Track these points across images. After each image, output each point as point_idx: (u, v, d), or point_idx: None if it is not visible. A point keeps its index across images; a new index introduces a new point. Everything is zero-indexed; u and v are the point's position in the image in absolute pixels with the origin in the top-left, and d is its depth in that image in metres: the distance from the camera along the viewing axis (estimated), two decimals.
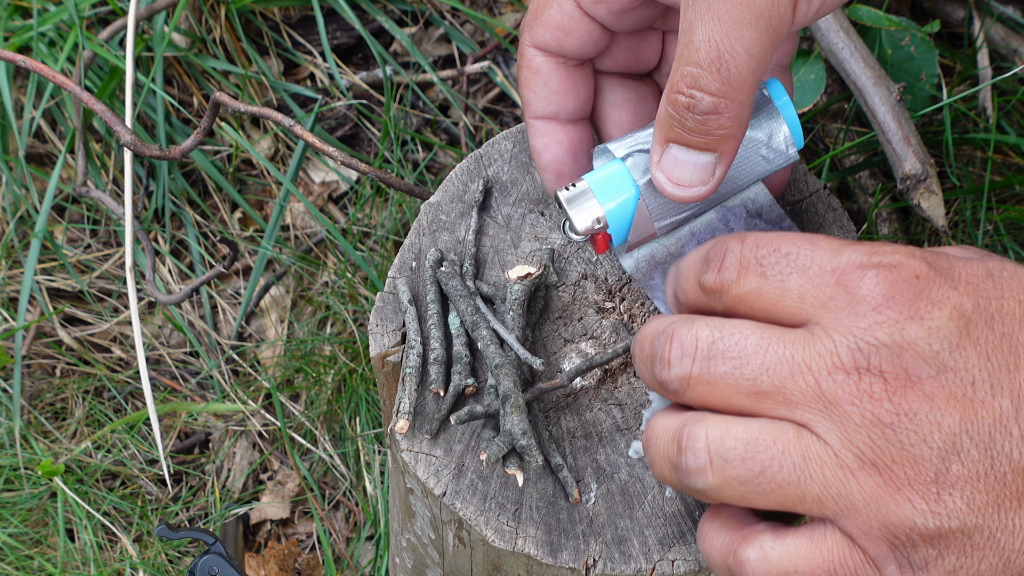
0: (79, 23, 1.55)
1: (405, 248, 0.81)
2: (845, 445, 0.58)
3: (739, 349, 0.60)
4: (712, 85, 0.63)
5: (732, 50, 0.62)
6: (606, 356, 0.74)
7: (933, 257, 0.60)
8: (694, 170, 0.67)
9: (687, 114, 0.65)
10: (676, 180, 0.68)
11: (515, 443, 0.71)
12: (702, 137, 0.66)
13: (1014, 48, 1.53)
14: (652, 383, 0.64)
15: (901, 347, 0.57)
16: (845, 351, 0.58)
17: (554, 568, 0.72)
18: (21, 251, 1.67)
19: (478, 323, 0.76)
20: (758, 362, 0.59)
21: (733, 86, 0.63)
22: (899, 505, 0.58)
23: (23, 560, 1.58)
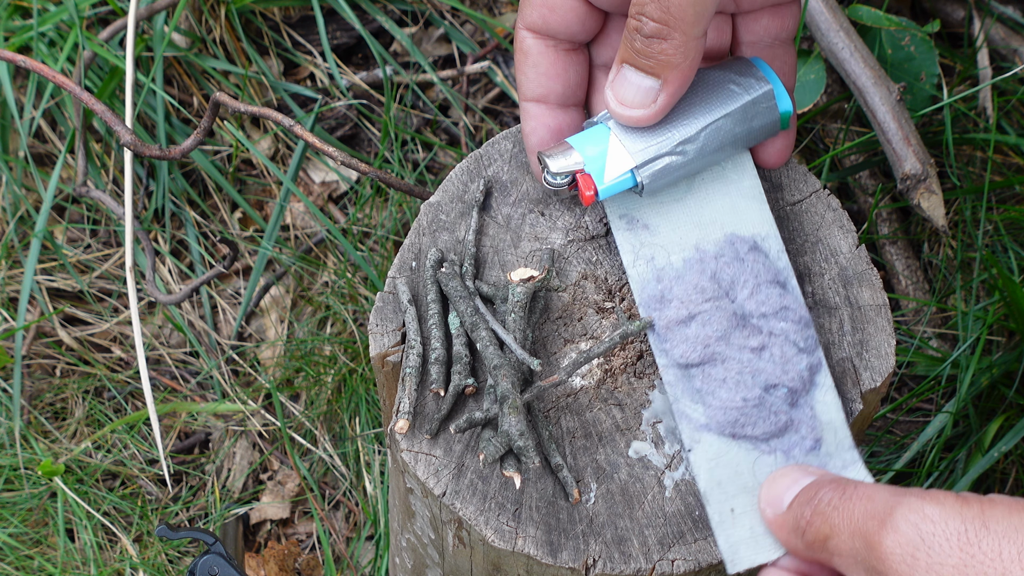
0: (79, 23, 1.55)
1: (405, 248, 0.81)
2: None
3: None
4: (655, 13, 0.69)
5: None
6: (602, 347, 0.74)
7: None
8: (637, 91, 0.72)
9: (636, 36, 0.70)
10: (620, 98, 0.73)
11: (512, 444, 0.70)
12: (647, 60, 0.71)
13: (1014, 48, 1.53)
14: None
15: None
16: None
17: (554, 568, 0.72)
18: (21, 251, 1.67)
19: (477, 324, 0.76)
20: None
21: (673, 15, 0.69)
22: None
23: (23, 560, 1.58)
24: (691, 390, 0.74)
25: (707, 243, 0.76)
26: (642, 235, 0.78)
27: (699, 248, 0.76)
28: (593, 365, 0.77)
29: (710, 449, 0.72)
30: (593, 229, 0.81)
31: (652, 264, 0.76)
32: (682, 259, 0.76)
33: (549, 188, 0.77)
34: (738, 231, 0.76)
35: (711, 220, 0.77)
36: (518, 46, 0.76)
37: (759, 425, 0.73)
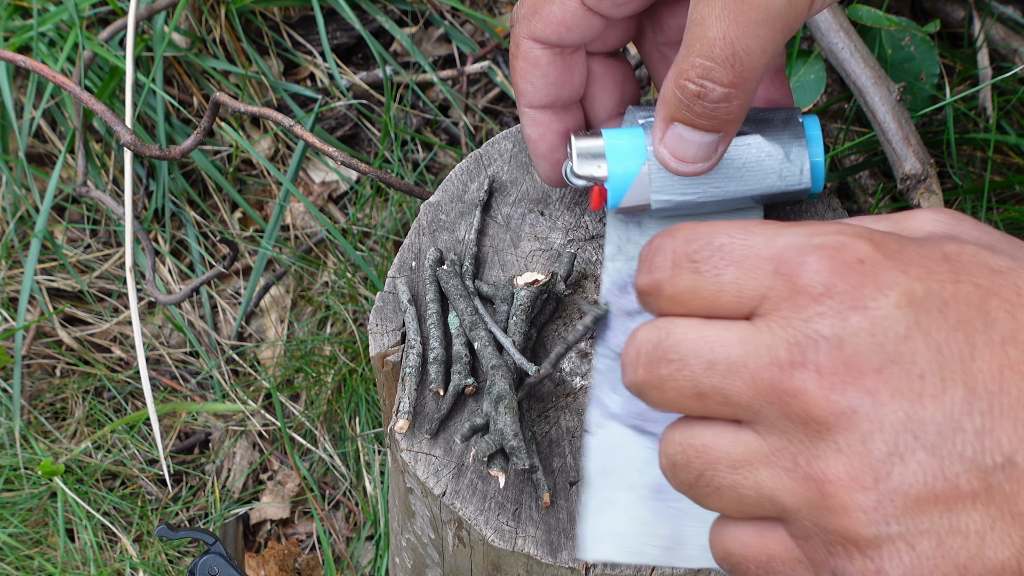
0: (79, 23, 1.55)
1: (405, 248, 0.81)
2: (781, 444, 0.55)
3: (677, 350, 0.57)
4: (725, 78, 0.66)
5: (747, 48, 0.64)
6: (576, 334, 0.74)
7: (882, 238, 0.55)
8: (698, 148, 0.70)
9: (696, 101, 0.67)
10: (680, 156, 0.70)
11: (505, 444, 0.70)
12: (709, 121, 0.68)
13: (1014, 48, 1.53)
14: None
15: (842, 339, 0.53)
16: (783, 345, 0.54)
17: (554, 568, 0.72)
18: (21, 251, 1.67)
19: (476, 324, 0.76)
20: (697, 362, 0.56)
21: (745, 79, 0.66)
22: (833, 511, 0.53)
23: (23, 560, 1.58)
24: (614, 380, 0.73)
25: None
26: (632, 231, 0.78)
27: None
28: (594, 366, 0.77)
29: (610, 437, 0.72)
30: (593, 229, 0.81)
31: (631, 263, 0.76)
32: None
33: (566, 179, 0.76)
34: None
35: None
36: (523, 55, 0.74)
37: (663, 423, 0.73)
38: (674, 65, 0.68)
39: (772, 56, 0.65)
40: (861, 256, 0.54)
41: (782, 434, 0.55)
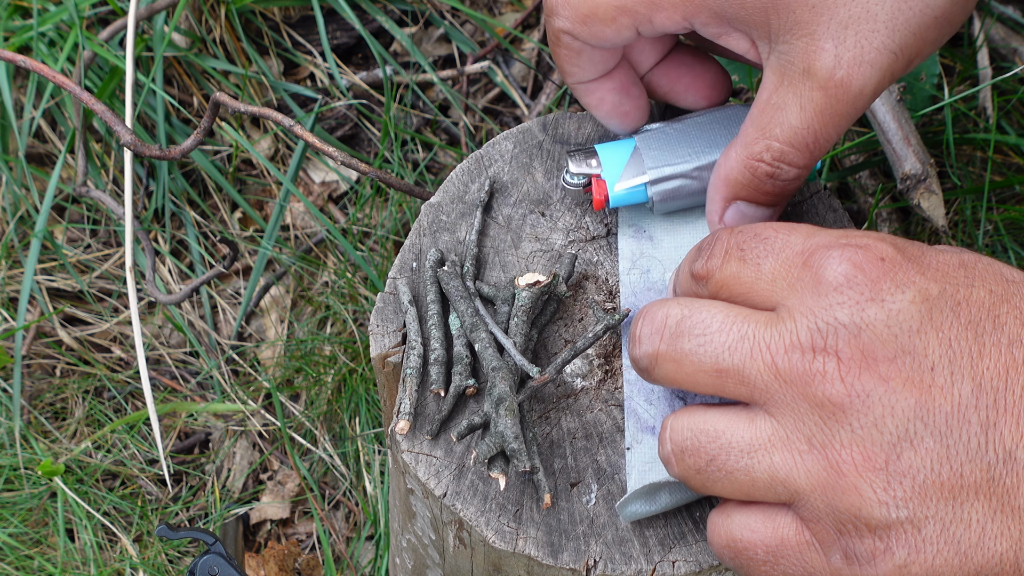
0: (79, 23, 1.55)
1: (406, 248, 0.81)
2: (796, 427, 0.58)
3: (704, 326, 0.60)
4: (801, 161, 0.69)
5: (828, 137, 0.67)
6: (587, 341, 0.74)
7: (904, 243, 0.59)
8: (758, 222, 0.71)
9: (767, 180, 0.69)
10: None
11: (506, 446, 0.70)
12: (773, 198, 0.71)
13: (1014, 48, 1.53)
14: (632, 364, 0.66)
15: (859, 327, 0.57)
16: (804, 331, 0.57)
17: (555, 569, 0.72)
18: (21, 251, 1.67)
19: (477, 325, 0.76)
20: (721, 339, 0.60)
21: (815, 160, 0.69)
22: (846, 492, 0.57)
23: (23, 560, 1.58)
24: (648, 390, 0.74)
25: None
26: (644, 245, 0.78)
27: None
28: (594, 367, 0.77)
29: (650, 452, 0.73)
30: (594, 230, 0.81)
31: (647, 276, 0.77)
32: None
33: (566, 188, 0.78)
34: None
35: None
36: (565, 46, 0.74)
37: None
38: (743, 146, 0.69)
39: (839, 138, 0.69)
40: (883, 255, 0.58)
41: (798, 417, 0.57)
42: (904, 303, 0.57)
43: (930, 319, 0.57)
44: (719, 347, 0.60)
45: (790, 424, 0.58)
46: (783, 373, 0.58)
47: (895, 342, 0.56)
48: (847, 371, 0.56)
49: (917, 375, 0.56)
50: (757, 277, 0.61)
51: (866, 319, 0.57)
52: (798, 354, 0.57)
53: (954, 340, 0.56)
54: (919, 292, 0.57)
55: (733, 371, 0.59)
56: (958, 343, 0.56)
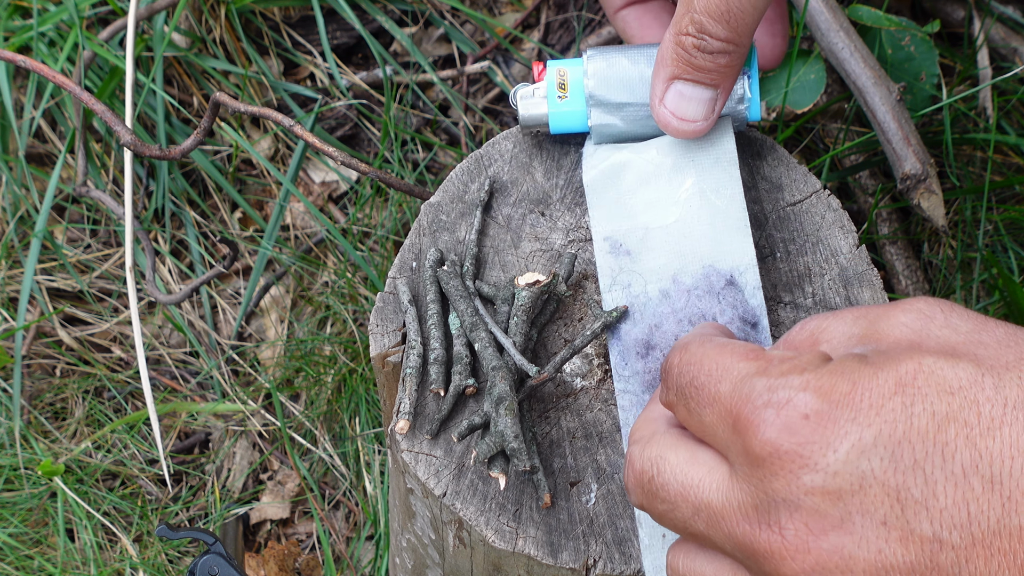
0: (79, 23, 1.55)
1: (405, 248, 0.81)
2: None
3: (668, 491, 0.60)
4: (721, 33, 0.70)
5: (741, 6, 0.69)
6: (584, 339, 0.74)
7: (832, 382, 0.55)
8: (699, 105, 0.74)
9: (696, 53, 0.71)
10: (681, 115, 0.74)
11: (506, 445, 0.70)
12: (707, 74, 0.72)
13: (1014, 48, 1.53)
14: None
15: (797, 501, 0.54)
16: (749, 502, 0.56)
17: (554, 568, 0.72)
18: (21, 251, 1.67)
19: (477, 324, 0.76)
20: (685, 507, 0.59)
21: (739, 33, 0.71)
22: None
23: (23, 560, 1.58)
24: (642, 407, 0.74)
25: (685, 274, 0.76)
26: (623, 260, 0.77)
27: (676, 280, 0.76)
28: (594, 366, 0.77)
29: None
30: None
31: (628, 291, 0.76)
32: (658, 289, 0.76)
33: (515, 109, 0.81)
34: (716, 264, 0.76)
35: (691, 251, 0.76)
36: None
37: None
38: (672, 24, 0.72)
39: (762, 12, 0.70)
40: (807, 411, 0.55)
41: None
42: (839, 463, 0.53)
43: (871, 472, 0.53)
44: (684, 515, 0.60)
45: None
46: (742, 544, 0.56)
47: (839, 505, 0.53)
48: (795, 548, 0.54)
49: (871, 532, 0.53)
50: (701, 429, 0.60)
51: (802, 489, 0.54)
52: (747, 527, 0.56)
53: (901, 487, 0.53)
54: (853, 445, 0.53)
55: (702, 536, 0.59)
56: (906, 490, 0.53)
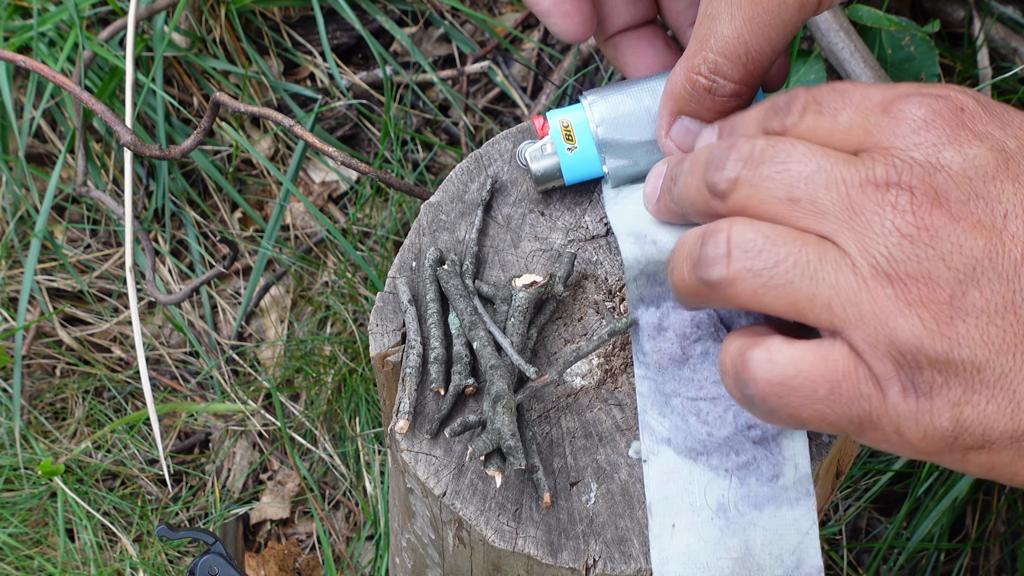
0: (79, 23, 1.55)
1: (405, 248, 0.81)
2: (862, 253, 0.57)
3: (786, 155, 0.61)
4: (735, 76, 0.68)
5: (759, 48, 0.67)
6: (591, 346, 0.74)
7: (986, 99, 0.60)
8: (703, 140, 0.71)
9: (706, 95, 0.69)
10: (686, 150, 0.72)
11: (502, 443, 0.70)
12: (716, 115, 0.70)
13: (1014, 48, 1.53)
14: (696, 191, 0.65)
15: (935, 167, 0.57)
16: (880, 168, 0.58)
17: (554, 568, 0.72)
18: (21, 251, 1.67)
19: (476, 323, 0.76)
20: (799, 169, 0.60)
21: (753, 76, 0.69)
22: (908, 320, 0.56)
23: (23, 560, 1.58)
24: (660, 403, 0.74)
25: None
26: (649, 250, 0.77)
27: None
28: (593, 366, 0.77)
29: (666, 464, 0.72)
30: (593, 229, 0.81)
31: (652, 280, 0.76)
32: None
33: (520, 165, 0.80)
34: None
35: None
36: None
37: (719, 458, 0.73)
38: (684, 59, 0.70)
39: (778, 53, 0.68)
40: (963, 105, 0.59)
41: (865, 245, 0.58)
42: (981, 150, 0.57)
43: (1006, 169, 0.57)
44: (795, 175, 0.60)
45: (855, 250, 0.58)
46: (855, 204, 0.58)
47: (969, 185, 0.57)
48: (919, 205, 0.57)
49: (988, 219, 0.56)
50: (834, 128, 0.61)
51: (942, 160, 0.57)
52: (872, 187, 0.58)
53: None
54: (996, 143, 0.58)
55: (806, 200, 0.59)
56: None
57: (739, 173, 0.62)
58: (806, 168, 0.60)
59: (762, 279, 0.59)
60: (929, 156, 0.58)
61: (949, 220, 0.57)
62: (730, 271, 0.60)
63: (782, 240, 0.59)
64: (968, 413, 0.56)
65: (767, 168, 0.61)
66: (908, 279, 0.56)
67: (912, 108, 0.59)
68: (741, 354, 0.61)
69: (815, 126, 0.62)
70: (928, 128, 0.58)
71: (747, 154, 0.62)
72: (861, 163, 0.59)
